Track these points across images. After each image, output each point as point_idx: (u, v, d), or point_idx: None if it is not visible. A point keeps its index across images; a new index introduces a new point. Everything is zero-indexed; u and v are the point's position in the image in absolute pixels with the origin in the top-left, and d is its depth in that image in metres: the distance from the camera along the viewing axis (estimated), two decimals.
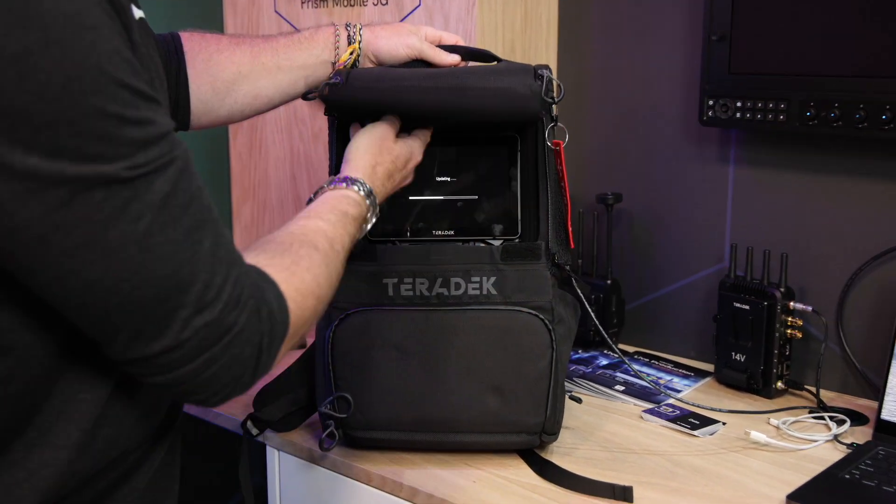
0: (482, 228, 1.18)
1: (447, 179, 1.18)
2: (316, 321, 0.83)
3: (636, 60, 1.58)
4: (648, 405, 1.36)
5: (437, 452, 1.19)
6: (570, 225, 1.19)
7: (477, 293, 1.14)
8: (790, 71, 1.34)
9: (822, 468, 1.15)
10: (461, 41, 1.25)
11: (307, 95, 1.20)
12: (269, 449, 1.31)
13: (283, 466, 1.30)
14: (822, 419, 1.30)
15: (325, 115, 1.17)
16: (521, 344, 1.14)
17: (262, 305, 0.72)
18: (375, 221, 1.00)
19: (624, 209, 1.61)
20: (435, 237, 1.18)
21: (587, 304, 1.22)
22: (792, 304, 1.37)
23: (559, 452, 1.20)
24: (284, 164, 1.75)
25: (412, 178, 1.11)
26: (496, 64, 1.21)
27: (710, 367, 1.50)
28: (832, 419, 1.29)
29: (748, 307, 1.38)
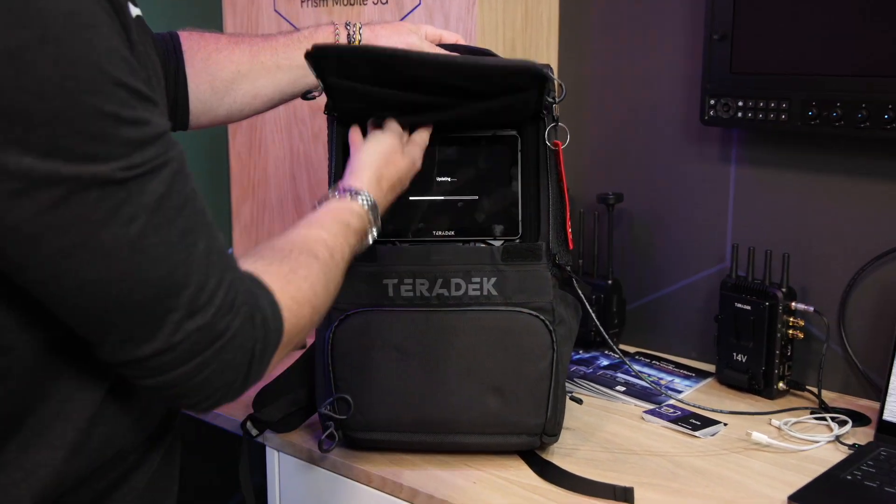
0: (482, 229, 1.18)
1: (447, 179, 1.18)
2: (311, 330, 0.83)
3: (637, 60, 1.58)
4: (649, 406, 1.36)
5: (437, 453, 1.19)
6: (569, 226, 1.19)
7: (477, 294, 1.14)
8: (792, 70, 1.34)
9: (823, 469, 1.15)
10: (461, 40, 1.25)
11: (307, 95, 1.20)
12: (268, 450, 1.31)
13: (282, 467, 1.30)
14: (823, 420, 1.30)
15: (324, 113, 1.17)
16: (521, 345, 1.14)
17: (255, 311, 0.71)
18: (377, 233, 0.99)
19: (625, 209, 1.61)
20: (435, 237, 1.18)
21: (588, 304, 1.22)
22: (793, 304, 1.37)
23: (560, 453, 1.20)
24: (284, 163, 1.74)
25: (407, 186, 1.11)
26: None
27: (711, 367, 1.50)
28: (834, 420, 1.29)
29: (750, 307, 1.38)
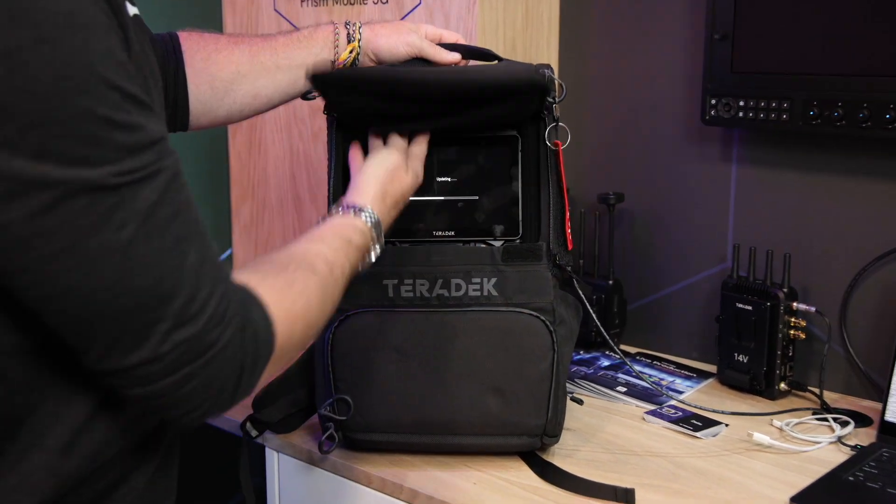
0: (483, 229, 1.18)
1: (447, 179, 1.18)
2: (306, 346, 0.82)
3: (638, 59, 1.58)
4: (650, 406, 1.36)
5: (437, 454, 1.19)
6: (568, 227, 1.19)
7: (478, 294, 1.14)
8: (793, 70, 1.34)
9: (825, 470, 1.15)
10: (462, 39, 1.25)
11: (307, 95, 1.20)
12: (268, 451, 1.31)
13: (282, 468, 1.30)
14: (825, 421, 1.30)
15: (323, 113, 1.17)
16: (522, 345, 1.14)
17: (247, 324, 0.71)
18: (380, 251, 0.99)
19: (626, 209, 1.61)
20: (435, 238, 1.18)
21: (589, 304, 1.22)
22: (795, 304, 1.37)
23: (560, 454, 1.20)
24: (284, 163, 1.75)
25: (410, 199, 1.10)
26: (497, 63, 1.21)
27: (712, 368, 1.50)
28: (836, 421, 1.29)
29: (751, 308, 1.38)
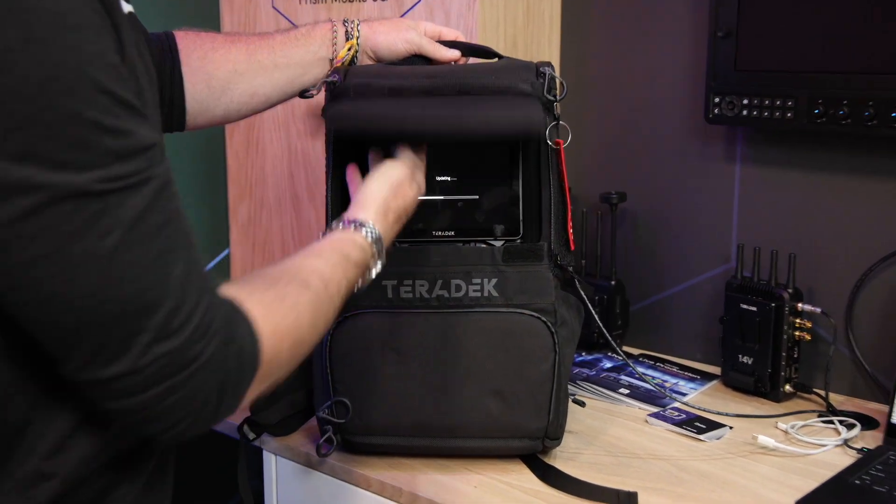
0: (483, 229, 1.17)
1: (447, 179, 1.18)
2: (295, 364, 0.80)
3: (640, 57, 1.57)
4: (653, 409, 1.36)
5: (437, 457, 1.19)
6: (570, 227, 1.18)
7: (478, 295, 1.13)
8: (797, 67, 1.33)
9: (831, 473, 1.14)
10: (461, 37, 1.25)
11: (305, 93, 1.20)
12: (265, 453, 1.30)
13: (280, 471, 1.30)
14: (831, 423, 1.29)
15: (321, 115, 1.17)
16: (523, 347, 1.13)
17: (231, 339, 0.69)
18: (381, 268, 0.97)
19: (628, 209, 1.61)
20: (435, 238, 1.17)
21: (591, 305, 1.21)
22: (800, 305, 1.37)
23: (562, 457, 1.20)
24: (282, 161, 1.74)
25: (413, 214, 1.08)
26: (497, 61, 1.21)
27: (716, 369, 1.49)
28: (842, 423, 1.28)
29: (755, 308, 1.37)
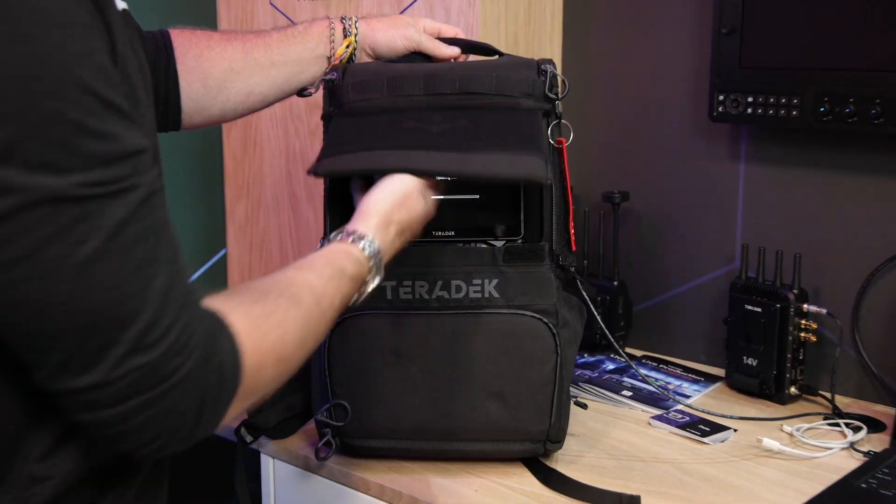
0: (484, 229, 1.17)
1: (447, 178, 1.17)
2: (280, 381, 0.78)
3: (643, 54, 1.57)
4: (657, 411, 1.35)
5: (437, 461, 1.18)
6: (571, 227, 1.18)
7: (479, 296, 1.13)
8: (803, 65, 1.33)
9: (837, 477, 1.14)
10: (461, 33, 1.25)
11: (303, 92, 1.20)
12: (263, 456, 1.30)
13: (277, 475, 1.29)
14: (837, 426, 1.29)
15: (321, 119, 1.17)
16: (524, 348, 1.13)
17: (212, 355, 0.68)
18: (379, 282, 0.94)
19: (631, 208, 1.60)
20: (435, 238, 1.17)
21: (593, 306, 1.21)
22: (805, 306, 1.37)
23: (564, 460, 1.20)
24: (280, 160, 1.74)
25: (421, 233, 1.04)
26: (497, 58, 1.21)
27: (720, 371, 1.49)
28: (848, 426, 1.28)
29: (760, 309, 1.37)
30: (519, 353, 1.13)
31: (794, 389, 1.37)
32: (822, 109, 1.31)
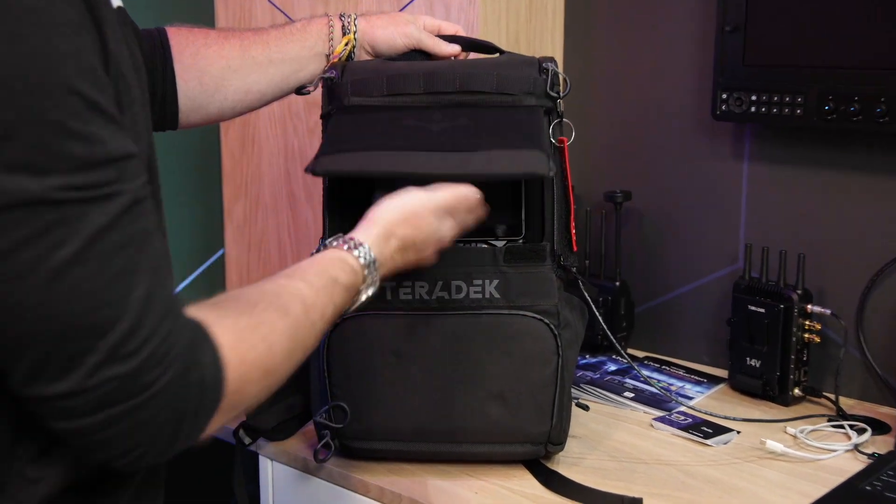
0: (484, 229, 1.17)
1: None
2: (266, 394, 0.77)
3: (646, 52, 1.57)
4: (659, 413, 1.36)
5: (437, 463, 1.18)
6: (573, 227, 1.18)
7: (479, 297, 1.13)
8: (807, 63, 1.33)
9: (841, 479, 1.14)
10: (461, 31, 1.24)
11: (301, 90, 1.20)
12: (261, 458, 1.30)
13: (276, 477, 1.30)
14: (841, 428, 1.29)
15: (320, 118, 1.17)
16: (525, 350, 1.13)
17: (192, 369, 0.67)
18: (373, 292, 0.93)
19: (633, 208, 1.60)
20: None
21: (594, 307, 1.21)
22: (809, 307, 1.37)
23: (566, 462, 1.20)
24: (278, 159, 1.74)
25: (435, 258, 1.03)
26: (498, 56, 1.21)
27: (723, 372, 1.49)
28: (852, 428, 1.28)
29: (763, 310, 1.37)
30: (520, 354, 1.13)
31: (797, 391, 1.37)
32: (826, 108, 1.31)
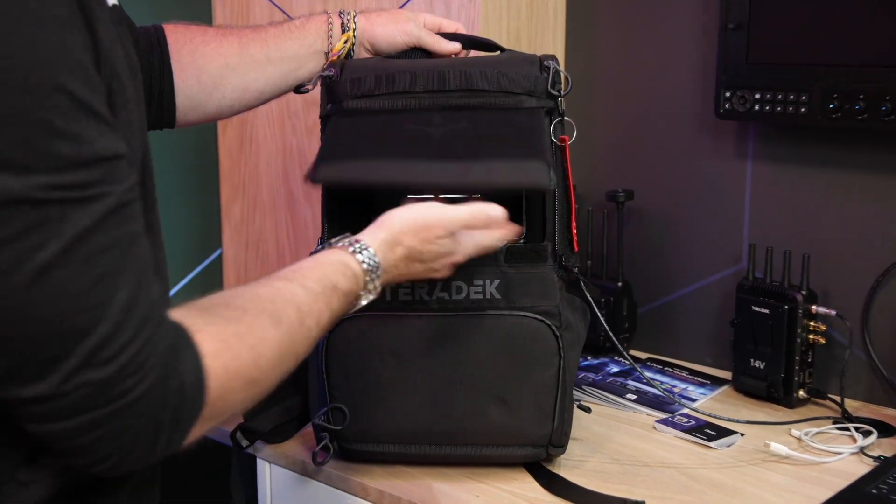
0: None
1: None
2: (251, 403, 0.77)
3: (648, 50, 1.57)
4: (662, 415, 1.35)
5: (438, 466, 1.18)
6: (574, 227, 1.18)
7: (480, 297, 1.13)
8: (812, 60, 1.33)
9: (847, 482, 1.14)
10: (462, 29, 1.24)
11: (300, 88, 1.20)
12: (259, 461, 1.30)
13: (274, 480, 1.29)
14: (846, 430, 1.29)
15: (319, 118, 1.17)
16: (526, 351, 1.13)
17: (171, 376, 0.66)
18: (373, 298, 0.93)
19: (636, 207, 1.60)
20: None
21: (597, 308, 1.21)
22: (814, 307, 1.36)
23: (567, 465, 1.20)
24: (276, 159, 1.74)
25: (447, 273, 1.02)
26: (499, 54, 1.21)
27: (727, 374, 1.49)
28: (858, 430, 1.28)
29: (768, 311, 1.37)
30: (521, 355, 1.13)
31: (802, 393, 1.37)
32: (831, 106, 1.31)
